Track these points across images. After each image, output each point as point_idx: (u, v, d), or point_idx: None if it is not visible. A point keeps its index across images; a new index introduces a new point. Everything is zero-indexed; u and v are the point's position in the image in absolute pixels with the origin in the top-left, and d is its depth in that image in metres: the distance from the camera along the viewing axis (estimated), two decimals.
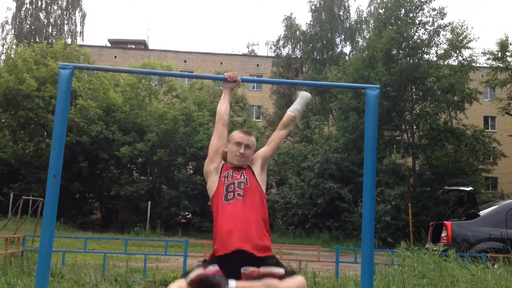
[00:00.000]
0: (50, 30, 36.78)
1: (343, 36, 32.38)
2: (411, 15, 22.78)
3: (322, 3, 32.19)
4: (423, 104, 23.24)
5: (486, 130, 26.75)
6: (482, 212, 8.98)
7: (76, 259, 7.77)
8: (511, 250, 7.46)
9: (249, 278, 2.45)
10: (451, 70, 22.61)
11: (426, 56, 23.25)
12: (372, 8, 33.07)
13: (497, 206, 9.17)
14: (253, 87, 34.15)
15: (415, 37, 22.84)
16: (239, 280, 2.42)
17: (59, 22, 36.88)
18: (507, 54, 24.07)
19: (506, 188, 29.78)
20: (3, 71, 24.04)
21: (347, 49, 32.61)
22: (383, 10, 23.81)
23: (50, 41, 32.89)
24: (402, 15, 22.78)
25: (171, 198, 23.38)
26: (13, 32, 35.98)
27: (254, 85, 34.62)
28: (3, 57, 32.22)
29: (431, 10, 22.63)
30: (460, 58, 23.39)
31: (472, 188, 9.93)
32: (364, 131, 3.16)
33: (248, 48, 40.00)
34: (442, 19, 22.81)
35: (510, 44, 23.97)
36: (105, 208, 25.39)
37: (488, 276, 5.28)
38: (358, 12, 34.09)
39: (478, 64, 24.53)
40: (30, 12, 36.49)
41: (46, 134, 25.42)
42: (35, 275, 3.24)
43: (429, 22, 22.83)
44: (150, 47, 39.77)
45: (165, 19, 79.41)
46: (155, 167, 24.75)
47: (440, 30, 22.93)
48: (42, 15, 36.69)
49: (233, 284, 2.35)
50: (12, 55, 26.38)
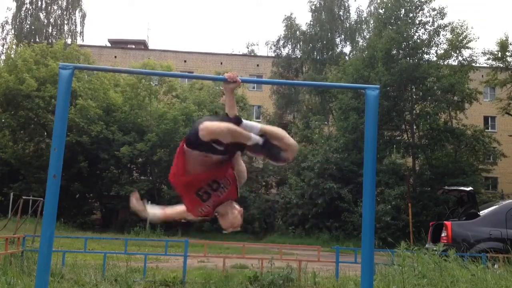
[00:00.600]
0: (50, 30, 36.75)
1: (343, 36, 32.33)
2: (411, 15, 22.78)
3: (322, 3, 32.15)
4: (423, 104, 23.23)
5: (486, 130, 26.75)
6: (482, 212, 8.98)
7: (76, 259, 7.77)
8: (511, 250, 7.45)
9: None
10: (451, 70, 22.61)
11: (426, 56, 23.28)
12: (372, 8, 33.04)
13: (497, 206, 9.17)
14: (253, 87, 34.12)
15: (415, 37, 22.85)
16: None
17: (59, 22, 36.86)
18: (507, 54, 24.09)
19: (506, 188, 29.74)
20: (3, 71, 24.05)
21: (347, 49, 32.62)
22: (383, 10, 23.81)
23: (50, 41, 32.86)
24: (402, 15, 22.78)
25: (171, 198, 23.35)
26: (13, 32, 35.98)
27: (254, 85, 34.60)
28: (3, 57, 32.25)
29: (431, 10, 22.68)
30: (460, 58, 23.41)
31: (472, 188, 9.94)
32: (364, 131, 3.16)
33: (248, 48, 40.03)
34: (442, 19, 22.86)
35: (510, 44, 23.99)
36: (105, 208, 25.39)
37: (488, 276, 5.28)
38: (358, 12, 34.01)
39: (478, 64, 24.54)
40: (30, 12, 36.45)
41: (46, 134, 25.43)
42: (35, 275, 3.24)
43: (429, 22, 22.86)
44: (150, 47, 39.72)
45: (165, 19, 79.42)
46: (155, 167, 24.74)
47: (440, 30, 22.94)
48: (42, 15, 36.66)
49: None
50: (12, 55, 26.39)
